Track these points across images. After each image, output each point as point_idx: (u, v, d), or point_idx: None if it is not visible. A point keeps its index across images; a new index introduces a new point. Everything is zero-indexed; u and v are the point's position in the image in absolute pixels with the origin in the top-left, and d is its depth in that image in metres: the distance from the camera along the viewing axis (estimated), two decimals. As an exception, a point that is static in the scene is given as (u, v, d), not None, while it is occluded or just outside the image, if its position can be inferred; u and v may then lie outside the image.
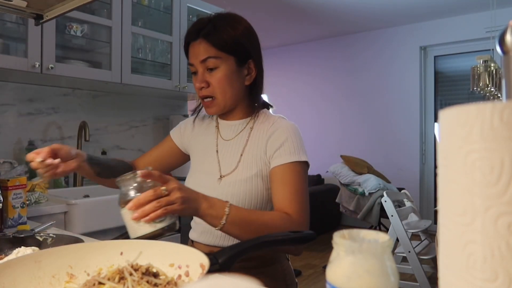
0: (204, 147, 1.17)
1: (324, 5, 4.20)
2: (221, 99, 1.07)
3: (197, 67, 1.07)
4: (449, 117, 0.35)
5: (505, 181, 0.31)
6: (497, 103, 0.31)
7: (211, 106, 1.09)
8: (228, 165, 1.10)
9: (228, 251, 0.70)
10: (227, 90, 1.06)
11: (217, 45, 1.04)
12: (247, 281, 0.30)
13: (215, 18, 1.08)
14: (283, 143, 1.04)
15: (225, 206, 0.90)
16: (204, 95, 1.08)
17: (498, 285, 0.31)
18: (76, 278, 0.68)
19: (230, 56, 1.05)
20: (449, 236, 0.36)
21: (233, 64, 1.06)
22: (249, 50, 1.08)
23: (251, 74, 1.10)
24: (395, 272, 0.54)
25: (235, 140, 1.13)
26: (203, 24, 1.06)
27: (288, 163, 1.02)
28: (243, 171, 1.07)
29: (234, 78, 1.07)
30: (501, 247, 0.31)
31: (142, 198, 0.78)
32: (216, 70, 1.05)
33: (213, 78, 1.05)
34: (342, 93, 5.45)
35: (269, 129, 1.09)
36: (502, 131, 0.31)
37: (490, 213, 0.32)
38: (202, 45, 1.05)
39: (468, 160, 0.33)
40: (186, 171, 2.88)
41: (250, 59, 1.09)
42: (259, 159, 1.07)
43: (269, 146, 1.06)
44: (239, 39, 1.06)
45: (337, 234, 0.57)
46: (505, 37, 0.53)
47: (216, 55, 1.04)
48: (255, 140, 1.10)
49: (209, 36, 1.04)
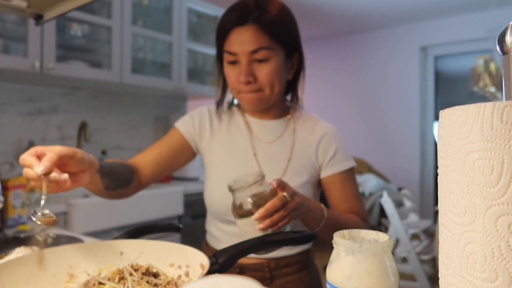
0: (233, 148, 1.03)
1: (324, 5, 4.20)
2: (269, 93, 0.96)
3: (241, 57, 0.92)
4: (449, 117, 0.35)
5: (505, 181, 0.31)
6: (497, 103, 0.31)
7: (257, 100, 0.96)
8: (273, 171, 0.99)
9: (228, 251, 0.70)
10: (276, 85, 0.95)
11: (271, 34, 0.91)
12: (247, 281, 0.30)
13: (267, 5, 0.93)
14: (336, 151, 1.02)
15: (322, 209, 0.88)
16: (250, 90, 0.94)
17: (498, 285, 0.32)
18: (76, 278, 0.68)
19: (281, 48, 0.95)
20: (449, 236, 0.36)
21: (283, 57, 0.96)
22: (298, 41, 1.00)
23: (293, 68, 1.01)
24: (395, 272, 0.54)
25: (277, 142, 1.03)
26: (249, 7, 0.92)
27: (345, 170, 1.02)
28: (293, 178, 0.99)
29: (282, 73, 0.97)
30: (501, 247, 0.31)
31: (270, 208, 0.73)
32: (266, 63, 0.93)
33: (262, 71, 0.93)
34: (342, 93, 5.45)
35: (315, 133, 1.03)
36: (502, 131, 0.31)
37: (490, 213, 0.32)
38: (253, 32, 0.91)
39: (468, 160, 0.33)
40: (186, 171, 2.86)
41: (296, 52, 1.00)
42: (309, 165, 1.01)
43: (321, 153, 1.02)
44: (290, 28, 0.96)
45: (337, 234, 0.57)
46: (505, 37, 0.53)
47: (269, 46, 0.92)
48: (302, 144, 1.02)
49: (261, 21, 0.90)
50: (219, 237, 1.04)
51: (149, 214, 2.12)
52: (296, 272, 1.01)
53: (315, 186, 1.03)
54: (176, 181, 2.71)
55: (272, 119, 1.05)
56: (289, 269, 1.01)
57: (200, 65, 2.95)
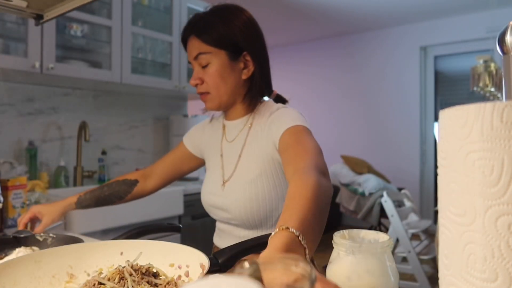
0: (212, 151, 1.16)
1: (324, 5, 4.20)
2: (215, 95, 1.05)
3: (192, 64, 1.06)
4: (449, 117, 0.35)
5: (505, 181, 0.31)
6: (497, 103, 0.31)
7: (206, 101, 1.07)
8: (229, 169, 1.07)
9: (228, 251, 0.70)
10: (221, 85, 1.04)
11: (206, 41, 1.02)
12: (247, 281, 0.30)
13: (208, 13, 1.06)
14: (280, 119, 0.98)
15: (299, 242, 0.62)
16: (199, 92, 1.07)
17: (498, 285, 0.32)
18: (76, 278, 0.68)
19: (220, 51, 1.02)
20: (449, 236, 0.36)
21: (225, 59, 1.03)
22: (240, 42, 1.04)
23: (248, 67, 1.06)
24: (395, 272, 0.54)
25: (236, 140, 1.10)
26: (196, 20, 1.05)
27: (289, 128, 0.94)
28: (243, 174, 1.03)
29: (227, 73, 1.04)
30: (501, 247, 0.31)
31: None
32: (208, 66, 1.03)
33: (206, 74, 1.04)
34: (342, 93, 5.45)
35: (268, 121, 1.03)
36: (502, 131, 0.31)
37: (490, 213, 0.32)
38: (194, 41, 1.04)
39: (468, 160, 0.33)
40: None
41: (244, 52, 1.05)
42: (264, 155, 1.02)
43: (272, 134, 0.99)
44: (229, 33, 1.03)
45: (337, 234, 0.57)
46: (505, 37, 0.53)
47: (206, 51, 1.02)
48: (254, 137, 1.05)
49: (199, 32, 1.03)
50: (218, 233, 1.14)
51: (149, 214, 2.12)
52: None
53: (274, 176, 1.01)
54: (176, 181, 2.71)
55: (235, 118, 1.12)
56: None
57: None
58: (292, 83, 5.83)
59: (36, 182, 1.99)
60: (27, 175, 2.10)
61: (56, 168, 2.33)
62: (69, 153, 2.42)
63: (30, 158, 2.19)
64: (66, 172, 2.34)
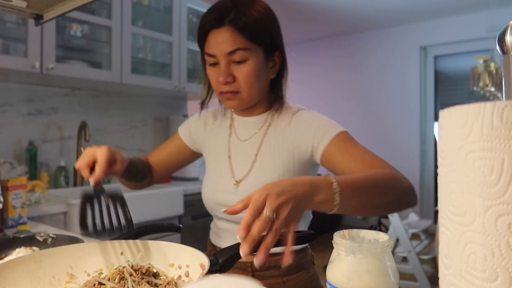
0: (217, 149, 1.08)
1: (324, 5, 4.20)
2: (247, 95, 0.96)
3: (219, 58, 0.93)
4: (449, 117, 0.35)
5: (505, 181, 0.31)
6: (497, 103, 0.31)
7: (233, 99, 0.96)
8: (242, 168, 1.00)
9: (228, 251, 0.69)
10: (254, 85, 0.95)
11: (247, 35, 0.91)
12: (247, 281, 0.30)
13: (241, 3, 0.93)
14: (317, 128, 0.95)
15: (331, 183, 0.68)
16: (228, 91, 0.95)
17: (498, 285, 0.32)
18: (76, 278, 0.68)
19: (259, 48, 0.94)
20: (449, 236, 0.36)
21: (261, 57, 0.95)
22: (277, 40, 0.98)
23: (275, 66, 1.00)
24: (395, 272, 0.54)
25: (251, 139, 1.03)
26: (226, 9, 0.92)
27: (334, 137, 0.93)
28: (262, 173, 0.97)
29: (261, 72, 0.96)
30: (501, 247, 0.31)
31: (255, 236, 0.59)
32: (244, 64, 0.93)
33: (240, 72, 0.93)
34: (342, 93, 5.45)
35: (291, 123, 0.99)
36: (502, 131, 0.31)
37: (490, 213, 0.32)
38: (229, 34, 0.91)
39: (468, 160, 0.33)
40: (186, 171, 2.86)
41: (277, 50, 0.99)
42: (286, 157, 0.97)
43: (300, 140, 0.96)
44: (268, 27, 0.95)
45: (337, 234, 0.57)
46: (505, 37, 0.53)
47: (245, 47, 0.91)
48: (273, 136, 1.00)
49: (237, 23, 0.90)
50: (215, 231, 1.08)
51: (149, 214, 2.12)
52: (281, 275, 0.97)
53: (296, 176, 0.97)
54: (176, 181, 2.71)
55: (251, 115, 1.05)
56: (273, 272, 0.97)
57: (200, 65, 2.95)
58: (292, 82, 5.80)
59: (36, 182, 1.99)
60: (27, 175, 2.10)
61: (56, 168, 2.33)
62: (69, 153, 2.42)
63: (30, 158, 2.19)
64: (66, 172, 2.34)
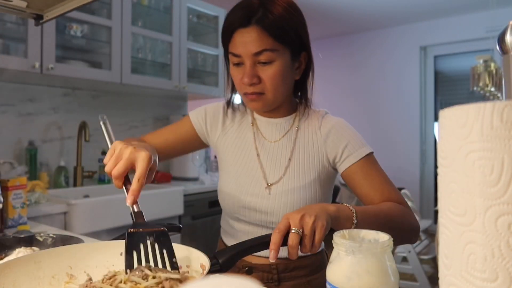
0: (240, 147, 1.04)
1: (324, 5, 4.20)
2: (271, 97, 0.94)
3: (245, 59, 0.90)
4: (449, 117, 0.35)
5: (505, 181, 0.31)
6: (497, 103, 0.31)
7: (258, 101, 0.94)
8: (274, 172, 0.99)
9: (228, 251, 0.70)
10: (280, 87, 0.93)
11: (275, 35, 0.89)
12: (247, 281, 0.30)
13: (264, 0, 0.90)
14: (348, 142, 0.96)
15: (351, 217, 0.80)
16: (252, 92, 0.93)
17: (498, 285, 0.32)
18: (76, 279, 0.68)
19: (286, 49, 0.91)
20: (449, 236, 0.36)
21: (288, 58, 0.93)
22: (305, 40, 0.96)
23: (300, 67, 0.98)
24: (395, 272, 0.54)
25: (281, 141, 1.01)
26: (253, 7, 0.89)
27: (363, 157, 0.95)
28: (296, 177, 0.97)
29: (288, 73, 0.94)
30: (501, 247, 0.31)
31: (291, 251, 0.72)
32: (270, 65, 0.90)
33: (266, 73, 0.91)
34: (341, 93, 5.45)
35: (321, 128, 0.99)
36: (502, 131, 0.31)
37: (490, 213, 0.32)
38: (256, 34, 0.88)
39: (468, 160, 0.33)
40: (186, 171, 2.86)
41: (304, 51, 0.97)
42: (316, 162, 0.98)
43: (330, 148, 0.97)
44: (296, 26, 0.93)
45: (337, 234, 0.57)
46: (505, 37, 0.54)
47: (273, 48, 0.89)
48: (306, 141, 1.00)
49: (264, 22, 0.88)
50: (231, 233, 1.05)
51: (149, 214, 2.11)
52: (305, 275, 0.98)
53: (325, 184, 0.99)
54: (176, 181, 2.71)
55: (277, 117, 1.03)
56: (299, 272, 0.98)
57: (200, 65, 2.95)
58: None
59: (36, 182, 1.99)
60: (27, 175, 2.10)
61: (56, 168, 2.33)
62: (69, 153, 2.42)
63: (30, 158, 2.19)
64: (66, 172, 2.34)
